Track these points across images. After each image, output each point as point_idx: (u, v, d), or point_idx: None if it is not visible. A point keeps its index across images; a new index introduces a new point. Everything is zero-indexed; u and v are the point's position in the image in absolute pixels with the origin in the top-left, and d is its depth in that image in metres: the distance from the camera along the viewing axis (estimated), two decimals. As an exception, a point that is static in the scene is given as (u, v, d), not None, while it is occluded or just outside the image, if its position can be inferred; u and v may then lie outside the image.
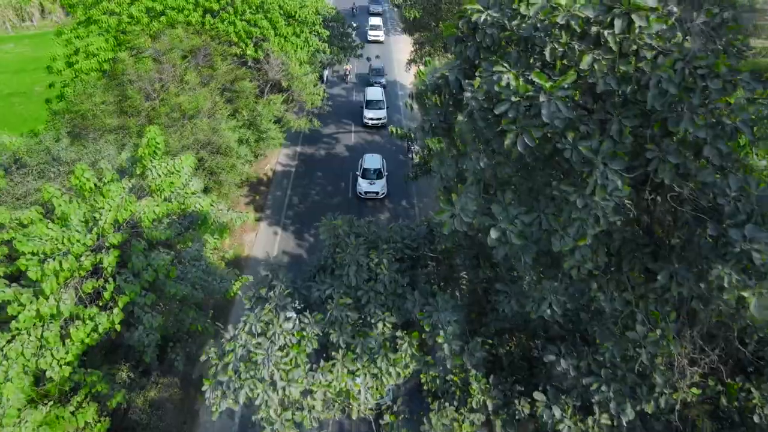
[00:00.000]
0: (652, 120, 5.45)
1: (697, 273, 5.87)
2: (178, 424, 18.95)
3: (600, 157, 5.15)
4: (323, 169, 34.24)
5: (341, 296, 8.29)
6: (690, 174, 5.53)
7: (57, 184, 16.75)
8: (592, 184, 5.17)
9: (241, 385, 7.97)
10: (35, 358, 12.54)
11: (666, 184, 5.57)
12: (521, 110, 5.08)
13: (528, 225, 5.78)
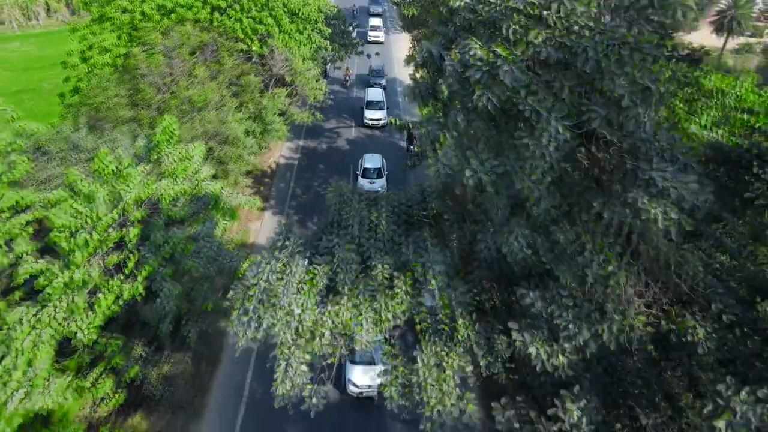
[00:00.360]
0: (585, 81, 6.79)
1: (623, 201, 7.12)
2: (190, 398, 20.07)
3: (546, 109, 6.43)
4: (325, 162, 35.40)
5: (346, 245, 9.61)
6: (621, 124, 6.84)
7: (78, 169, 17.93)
8: (539, 130, 6.45)
9: (264, 313, 9.19)
10: (66, 322, 13.70)
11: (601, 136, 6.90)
12: (487, 75, 6.38)
13: (496, 167, 7.09)
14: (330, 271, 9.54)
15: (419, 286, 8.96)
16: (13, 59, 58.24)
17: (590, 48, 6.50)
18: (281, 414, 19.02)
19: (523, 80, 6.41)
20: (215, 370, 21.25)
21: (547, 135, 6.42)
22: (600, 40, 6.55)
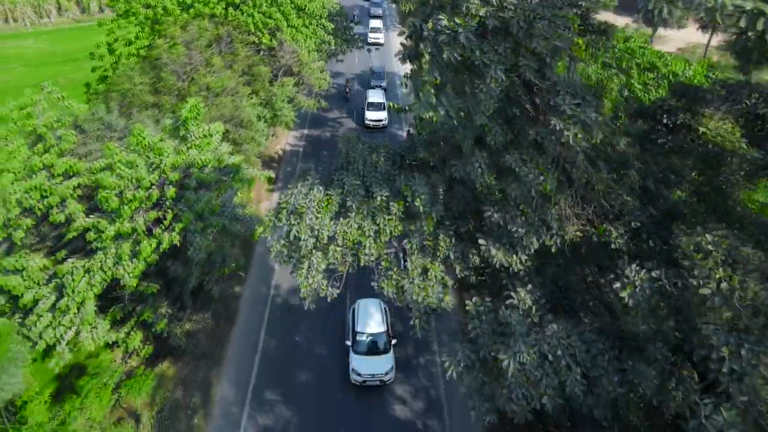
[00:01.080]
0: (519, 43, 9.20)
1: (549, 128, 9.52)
2: (210, 350, 22.53)
3: (491, 61, 8.84)
4: (328, 148, 37.82)
5: (353, 178, 12.07)
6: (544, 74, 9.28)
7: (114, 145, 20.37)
8: (487, 77, 8.87)
9: (291, 226, 11.61)
10: (115, 267, 16.17)
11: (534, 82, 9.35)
12: (451, 38, 8.81)
13: (459, 103, 9.56)
14: (341, 197, 12.03)
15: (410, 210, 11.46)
16: (28, 55, 60.66)
17: (518, 20, 8.96)
18: (292, 365, 21.57)
19: (475, 42, 8.88)
20: (232, 327, 23.70)
21: (492, 80, 8.86)
22: (524, 15, 9.03)
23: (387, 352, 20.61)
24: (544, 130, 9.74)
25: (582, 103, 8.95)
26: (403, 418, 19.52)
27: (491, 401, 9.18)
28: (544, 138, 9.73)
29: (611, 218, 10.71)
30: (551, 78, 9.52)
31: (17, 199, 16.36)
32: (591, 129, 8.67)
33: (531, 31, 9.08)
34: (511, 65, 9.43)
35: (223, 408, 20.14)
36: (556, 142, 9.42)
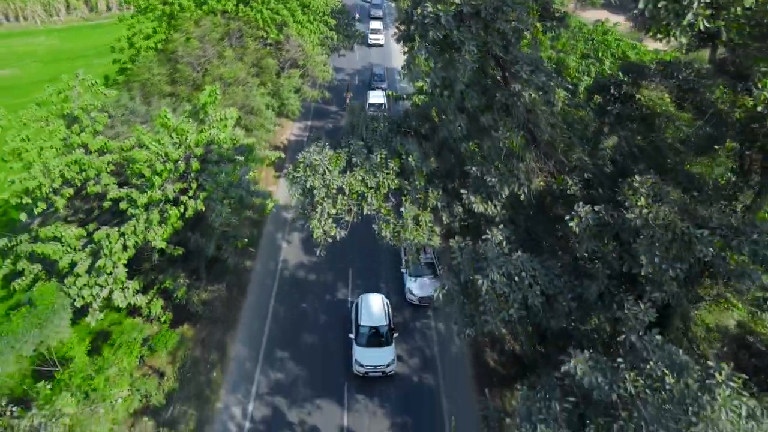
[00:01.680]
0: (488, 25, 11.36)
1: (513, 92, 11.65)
2: (225, 315, 24.69)
3: (466, 39, 11.01)
4: (330, 138, 39.89)
5: (357, 140, 14.29)
6: (509, 49, 11.42)
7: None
8: (463, 51, 11.04)
9: (307, 177, 13.77)
10: (146, 231, 18.34)
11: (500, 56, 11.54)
12: (435, 20, 10.97)
13: (444, 75, 11.76)
14: (347, 156, 14.19)
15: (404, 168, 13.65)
16: (40, 52, 62.80)
17: (485, 5, 11.14)
18: (299, 329, 23.66)
19: (453, 24, 11.02)
20: (244, 296, 25.88)
21: (467, 53, 11.02)
22: (492, 2, 11.23)
23: (389, 345, 21.31)
24: (509, 93, 11.93)
25: (535, 70, 11.13)
26: (401, 373, 21.69)
27: (470, 318, 11.33)
28: (509, 101, 11.90)
29: (568, 171, 12.88)
30: (514, 53, 11.67)
31: (60, 171, 18.52)
32: (546, 92, 10.85)
33: (497, 15, 11.25)
34: (482, 42, 11.58)
35: (238, 364, 22.31)
36: (521, 106, 11.58)
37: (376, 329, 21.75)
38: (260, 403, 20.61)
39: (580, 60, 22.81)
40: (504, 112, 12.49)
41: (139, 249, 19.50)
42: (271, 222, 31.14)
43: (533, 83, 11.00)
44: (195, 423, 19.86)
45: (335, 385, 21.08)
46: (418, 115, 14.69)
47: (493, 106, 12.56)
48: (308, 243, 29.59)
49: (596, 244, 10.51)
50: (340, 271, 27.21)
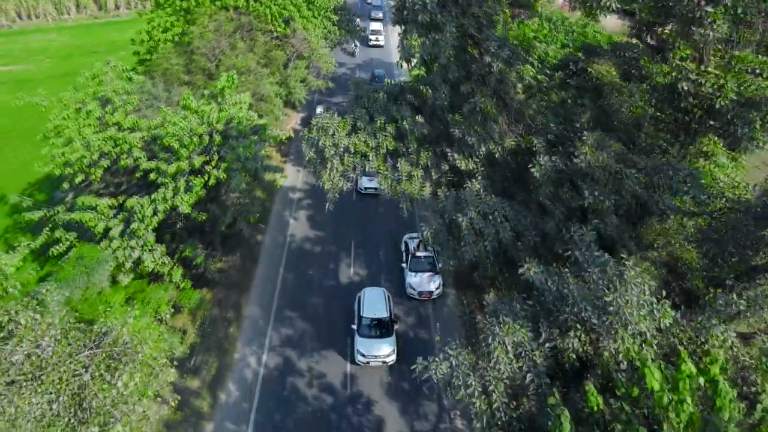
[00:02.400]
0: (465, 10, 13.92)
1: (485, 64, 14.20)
2: (239, 281, 27.20)
3: (446, 21, 13.51)
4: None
5: (360, 108, 16.82)
6: (482, 30, 14.01)
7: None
8: (445, 31, 13.55)
9: (319, 138, 16.28)
10: (173, 198, 20.85)
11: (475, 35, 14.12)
12: (422, 6, 13.50)
13: (431, 51, 14.34)
14: (352, 121, 16.71)
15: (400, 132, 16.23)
16: (53, 48, 65.28)
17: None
18: (306, 293, 26.11)
19: (437, 9, 13.53)
20: (256, 265, 28.41)
21: (448, 32, 13.52)
22: None
23: (389, 336, 22.14)
24: (482, 65, 14.42)
25: (501, 46, 13.64)
26: (399, 330, 24.18)
27: (453, 251, 13.81)
28: (483, 72, 14.40)
29: (534, 132, 15.35)
30: (486, 33, 14.17)
31: (98, 145, 21.04)
32: (510, 64, 13.35)
33: (471, 2, 13.78)
34: (460, 24, 14.07)
35: (252, 322, 24.84)
36: (493, 76, 14.12)
37: (378, 321, 22.53)
38: (273, 354, 23.13)
39: (559, 49, 25.35)
40: (480, 82, 14.98)
41: (164, 219, 21.95)
42: (279, 201, 33.67)
43: (500, 57, 13.51)
44: (216, 370, 22.38)
45: (339, 339, 23.58)
46: (412, 89, 17.21)
47: (470, 77, 15.04)
48: (314, 220, 32.19)
49: (553, 187, 13.03)
50: (343, 244, 29.76)
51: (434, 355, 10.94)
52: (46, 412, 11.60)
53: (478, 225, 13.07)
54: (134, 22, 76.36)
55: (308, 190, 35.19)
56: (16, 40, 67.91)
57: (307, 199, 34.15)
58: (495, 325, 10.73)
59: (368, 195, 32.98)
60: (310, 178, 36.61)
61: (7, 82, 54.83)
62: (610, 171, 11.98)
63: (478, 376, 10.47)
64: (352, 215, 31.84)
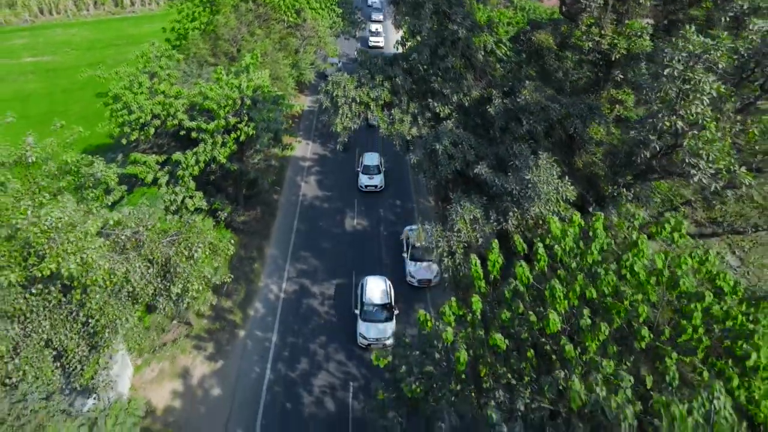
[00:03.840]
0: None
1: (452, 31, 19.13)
2: (261, 229, 32.12)
3: (427, 0, 18.41)
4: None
5: (365, 70, 21.78)
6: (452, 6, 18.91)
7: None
8: (425, 8, 18.43)
9: (333, 90, 21.14)
10: (211, 152, 25.80)
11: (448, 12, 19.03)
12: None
13: (419, 24, 19.17)
14: (357, 79, 21.61)
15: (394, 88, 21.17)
16: (76, 41, 70.16)
17: None
18: (317, 238, 31.00)
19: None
20: (274, 218, 33.35)
21: (427, 9, 18.38)
22: None
23: (390, 320, 23.72)
24: (451, 32, 19.30)
25: (465, 18, 18.50)
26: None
27: (431, 173, 18.66)
28: (453, 38, 19.24)
29: (494, 85, 20.20)
30: (455, 9, 19.01)
31: (150, 108, 25.98)
32: (472, 31, 18.20)
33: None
34: (436, 2, 18.94)
35: (272, 260, 29.79)
36: (460, 41, 19.00)
37: (379, 306, 24.24)
38: (290, 283, 28.09)
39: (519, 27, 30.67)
40: (451, 47, 19.75)
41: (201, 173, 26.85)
42: (291, 169, 38.66)
43: (464, 25, 18.33)
44: (245, 294, 27.34)
45: (344, 272, 28.52)
46: (404, 56, 22.02)
47: (444, 43, 19.81)
48: (322, 183, 37.15)
49: (503, 121, 17.93)
50: (347, 201, 34.75)
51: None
52: (145, 272, 16.59)
53: (450, 151, 17.94)
54: (148, 18, 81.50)
55: (316, 159, 40.21)
56: (41, 34, 72.81)
57: (315, 167, 39.13)
58: (458, 207, 15.67)
59: (368, 193, 36.00)
60: (317, 149, 41.68)
61: (37, 71, 59.83)
62: (541, 106, 16.79)
63: (445, 240, 15.40)
64: (353, 187, 36.84)
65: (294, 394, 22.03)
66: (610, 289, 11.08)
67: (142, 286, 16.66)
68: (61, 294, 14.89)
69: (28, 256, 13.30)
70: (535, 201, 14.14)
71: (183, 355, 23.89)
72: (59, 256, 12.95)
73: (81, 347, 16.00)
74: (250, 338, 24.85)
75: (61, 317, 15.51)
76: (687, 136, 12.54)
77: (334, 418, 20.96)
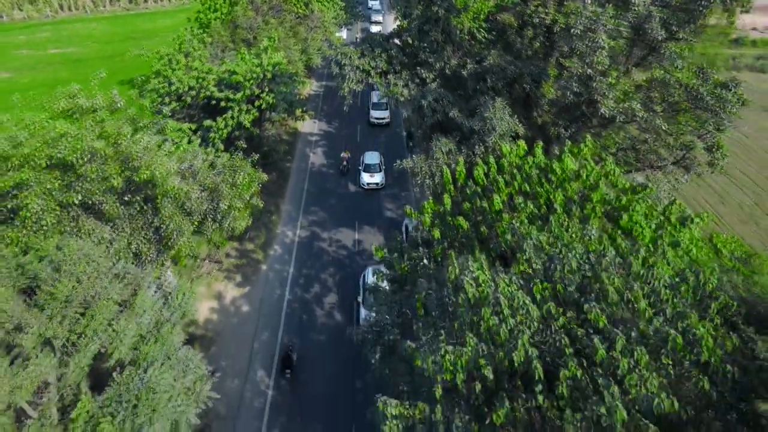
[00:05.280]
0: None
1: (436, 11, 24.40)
2: (276, 189, 37.24)
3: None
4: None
5: (366, 45, 26.87)
6: None
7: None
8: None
9: (342, 60, 26.23)
10: (238, 117, 30.97)
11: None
12: None
13: (407, 7, 24.22)
14: (361, 51, 26.70)
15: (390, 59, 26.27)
16: (96, 35, 75.26)
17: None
18: (326, 196, 36.16)
19: None
20: (287, 181, 38.52)
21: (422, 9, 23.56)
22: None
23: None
24: (433, 12, 24.45)
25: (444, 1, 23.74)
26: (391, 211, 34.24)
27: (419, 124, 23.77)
28: (435, 17, 24.41)
29: (470, 55, 25.27)
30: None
31: (186, 82, 31.16)
32: (449, 12, 23.32)
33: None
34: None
35: (287, 213, 34.95)
36: (441, 19, 24.19)
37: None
38: (303, 231, 33.25)
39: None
40: (435, 23, 24.80)
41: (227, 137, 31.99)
42: (300, 143, 43.85)
43: (443, 6, 23.46)
44: (265, 238, 32.50)
45: (349, 221, 33.71)
46: (397, 34, 27.06)
47: (429, 21, 24.83)
48: (327, 154, 42.31)
49: (474, 82, 23.09)
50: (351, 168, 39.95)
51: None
52: (199, 194, 21.76)
53: (433, 106, 23.07)
54: (161, 14, 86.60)
55: (322, 135, 45.41)
56: (62, 28, 77.88)
57: (321, 141, 44.33)
58: (437, 141, 20.83)
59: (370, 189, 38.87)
60: (323, 127, 46.88)
61: (64, 62, 64.86)
62: (501, 67, 21.87)
63: (427, 165, 20.55)
64: (354, 156, 42.00)
65: (309, 309, 27.20)
66: (537, 184, 16.21)
67: (197, 205, 21.83)
68: (143, 203, 20.05)
69: (126, 168, 18.45)
70: (493, 134, 19.23)
71: (216, 283, 29.07)
72: (149, 168, 18.11)
73: (151, 251, 21.18)
74: (271, 270, 30.03)
75: (139, 224, 20.70)
76: (597, 80, 17.63)
77: (342, 326, 26.09)
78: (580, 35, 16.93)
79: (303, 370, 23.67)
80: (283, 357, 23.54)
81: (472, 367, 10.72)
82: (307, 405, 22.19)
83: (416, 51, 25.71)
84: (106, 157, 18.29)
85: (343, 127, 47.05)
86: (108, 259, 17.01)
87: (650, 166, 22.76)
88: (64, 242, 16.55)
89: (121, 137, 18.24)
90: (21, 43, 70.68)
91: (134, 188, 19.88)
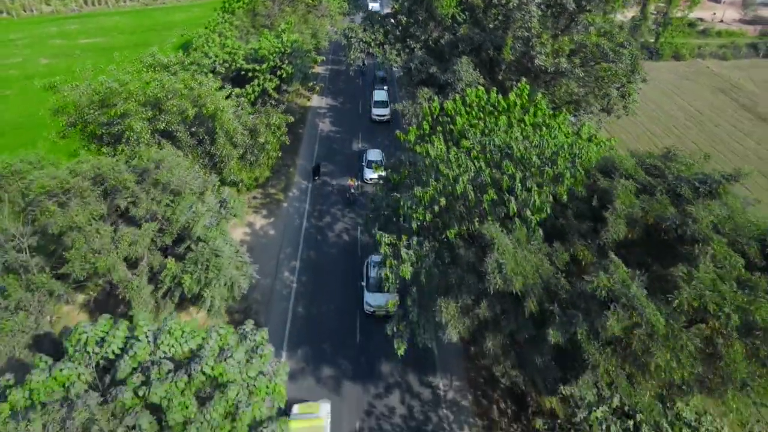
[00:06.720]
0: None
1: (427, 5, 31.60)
2: (291, 150, 44.45)
3: None
4: (346, 74, 59.84)
5: (368, 23, 33.86)
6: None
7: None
8: None
9: (349, 34, 33.32)
10: (263, 84, 38.21)
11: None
12: None
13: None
14: (363, 26, 33.68)
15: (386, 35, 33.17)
16: (121, 27, 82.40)
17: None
18: (334, 155, 43.50)
19: None
20: (300, 143, 45.74)
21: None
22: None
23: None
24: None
25: None
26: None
27: (407, 83, 30.83)
28: (421, 1, 31.45)
29: (447, 30, 32.30)
30: None
31: (222, 56, 38.42)
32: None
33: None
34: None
35: (302, 168, 42.19)
36: (425, 2, 31.36)
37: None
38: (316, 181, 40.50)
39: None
40: (420, 4, 31.81)
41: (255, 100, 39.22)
42: (310, 114, 51.14)
43: (429, -6, 30.84)
44: (284, 184, 39.74)
45: (353, 170, 40.96)
46: (393, 14, 34.06)
47: (416, 2, 31.77)
48: (334, 123, 49.55)
49: (449, 48, 30.25)
50: (354, 133, 47.22)
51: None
52: (242, 131, 29.00)
53: (419, 68, 30.22)
54: (178, 9, 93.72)
55: (329, 108, 52.68)
56: (88, 20, 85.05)
57: (329, 113, 51.59)
58: (420, 91, 28.07)
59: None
60: (330, 102, 54.19)
61: (94, 50, 71.95)
62: (471, 37, 28.99)
63: (413, 107, 27.79)
64: (356, 128, 49.16)
65: (322, 232, 34.45)
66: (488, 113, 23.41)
67: (241, 138, 29.13)
68: (204, 134, 27.34)
69: (196, 105, 25.70)
70: (460, 83, 26.38)
71: (246, 216, 36.32)
72: (213, 104, 25.37)
73: (208, 173, 28.47)
74: (290, 206, 37.30)
75: (198, 153, 28.00)
76: (533, 41, 24.80)
77: (349, 244, 33.32)
78: (517, 6, 24.04)
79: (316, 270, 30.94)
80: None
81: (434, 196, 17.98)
82: (320, 292, 29.46)
83: (407, 27, 32.85)
84: (182, 96, 25.55)
85: (347, 102, 54.28)
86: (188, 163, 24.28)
87: (585, 113, 30.06)
88: (158, 153, 23.85)
89: (193, 81, 25.49)
90: (54, 34, 77.87)
91: (198, 122, 27.15)
